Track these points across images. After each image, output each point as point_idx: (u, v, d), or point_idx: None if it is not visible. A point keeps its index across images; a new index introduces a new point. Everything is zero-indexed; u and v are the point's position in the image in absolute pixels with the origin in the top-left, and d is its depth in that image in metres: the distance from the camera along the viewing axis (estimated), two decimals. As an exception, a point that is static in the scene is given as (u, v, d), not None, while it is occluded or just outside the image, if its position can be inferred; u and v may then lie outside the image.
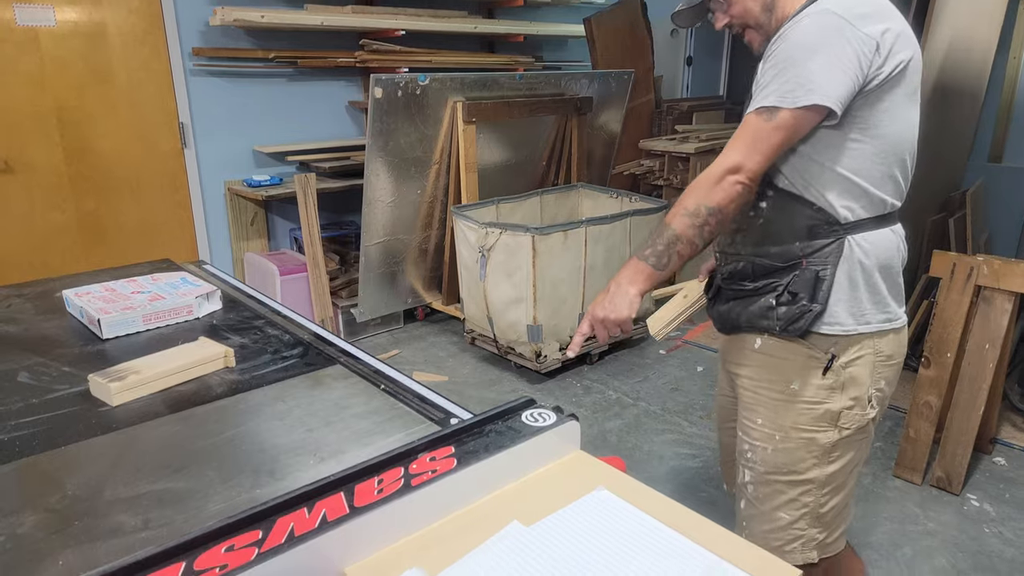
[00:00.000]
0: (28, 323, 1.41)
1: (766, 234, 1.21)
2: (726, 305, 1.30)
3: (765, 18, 1.19)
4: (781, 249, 1.20)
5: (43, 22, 2.99)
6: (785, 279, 1.20)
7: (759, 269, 1.23)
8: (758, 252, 1.23)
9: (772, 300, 1.22)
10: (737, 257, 1.26)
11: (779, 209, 1.19)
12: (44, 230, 3.16)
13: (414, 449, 0.85)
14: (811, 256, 1.19)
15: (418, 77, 3.26)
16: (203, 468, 0.91)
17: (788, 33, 1.09)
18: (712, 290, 1.36)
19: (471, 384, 3.24)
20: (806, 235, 1.18)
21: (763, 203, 1.20)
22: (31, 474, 0.90)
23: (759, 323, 1.24)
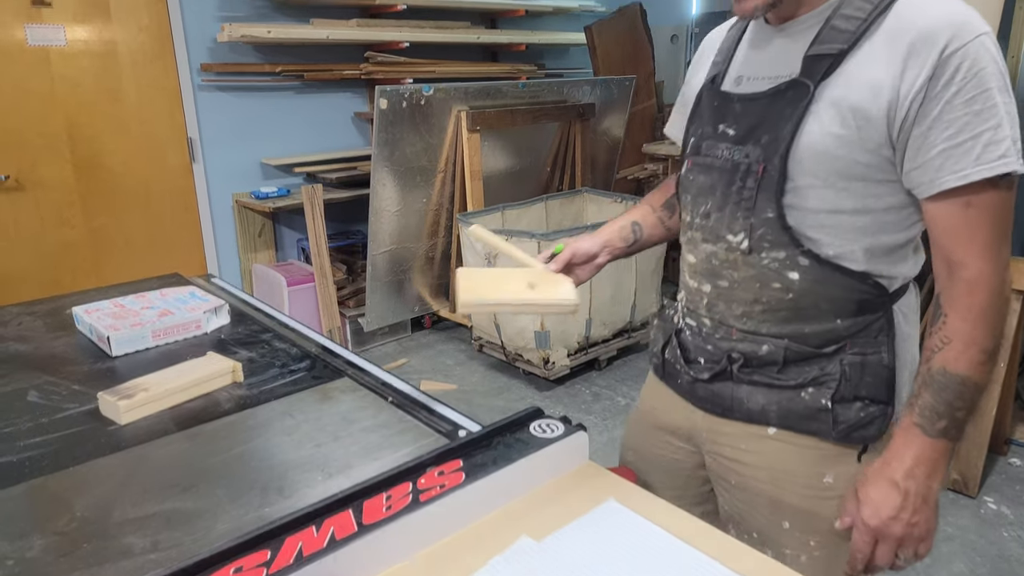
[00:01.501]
0: (38, 341, 1.42)
1: (798, 311, 0.94)
2: (740, 389, 1.01)
3: None
4: (819, 329, 0.94)
5: (54, 42, 3.03)
6: (832, 368, 0.94)
7: (792, 355, 0.95)
8: (786, 333, 0.95)
9: (826, 400, 0.94)
10: (756, 337, 0.97)
11: (817, 282, 0.91)
12: (54, 246, 3.19)
13: (422, 463, 0.84)
14: (856, 336, 0.94)
15: (422, 88, 3.28)
16: (212, 487, 0.91)
17: (976, 51, 0.79)
18: (699, 366, 1.05)
19: (479, 392, 3.23)
20: (854, 311, 0.93)
21: (793, 274, 0.92)
22: (40, 496, 0.91)
23: (803, 425, 0.96)
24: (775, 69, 0.93)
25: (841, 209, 0.88)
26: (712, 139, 0.98)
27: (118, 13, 3.16)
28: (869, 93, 0.82)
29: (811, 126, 0.86)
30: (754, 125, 0.92)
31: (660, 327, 1.18)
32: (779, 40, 0.94)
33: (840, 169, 0.86)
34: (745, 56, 1.00)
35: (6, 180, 3.00)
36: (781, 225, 0.90)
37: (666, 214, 1.25)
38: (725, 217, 0.95)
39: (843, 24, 0.85)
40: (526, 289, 1.08)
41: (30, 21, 2.95)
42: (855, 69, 0.84)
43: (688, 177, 1.04)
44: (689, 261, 1.06)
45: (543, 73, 4.67)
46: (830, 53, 0.85)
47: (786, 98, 0.88)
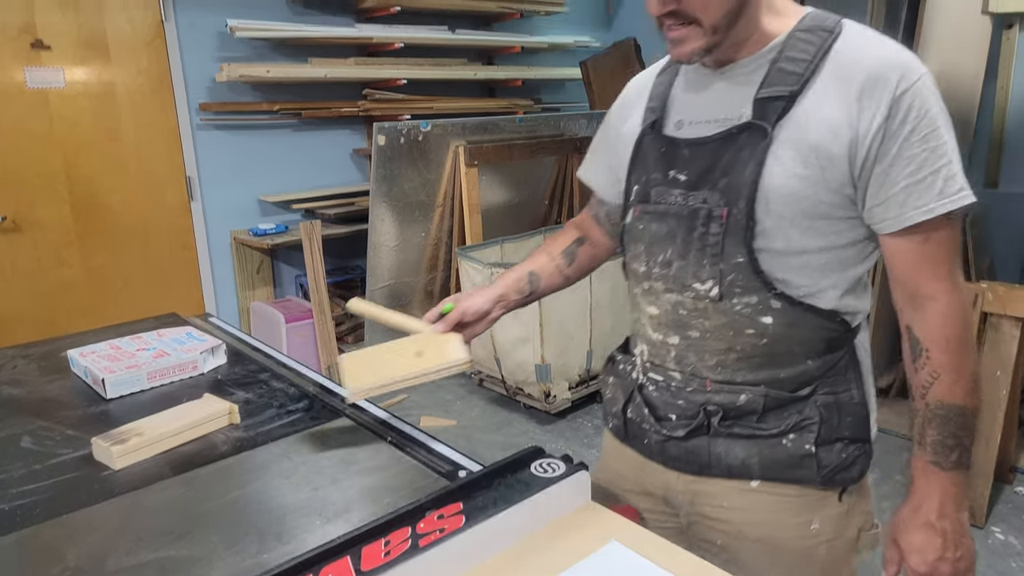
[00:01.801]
0: (32, 385, 1.41)
1: (772, 356, 0.93)
2: (718, 444, 0.97)
3: (726, 22, 0.85)
4: (793, 372, 0.93)
5: (53, 84, 3.07)
6: (810, 412, 0.93)
7: (771, 401, 0.93)
8: (762, 379, 0.94)
9: (810, 445, 0.92)
10: (732, 387, 0.95)
11: (790, 324, 0.91)
12: (51, 287, 3.19)
13: (421, 507, 0.83)
14: (826, 376, 0.94)
15: (420, 124, 3.31)
16: (207, 533, 0.89)
17: (922, 90, 0.82)
18: (672, 424, 1.00)
19: (480, 428, 3.20)
20: (823, 351, 0.93)
21: (766, 318, 0.90)
22: (32, 545, 0.89)
23: (788, 474, 0.95)
24: (719, 112, 0.92)
25: (807, 248, 0.88)
26: (662, 185, 0.96)
27: (117, 55, 3.20)
28: (828, 133, 0.83)
29: (773, 168, 0.86)
30: (706, 169, 0.91)
31: (616, 384, 1.10)
32: (720, 83, 0.93)
33: (806, 209, 0.86)
34: (683, 100, 0.99)
35: (3, 221, 3.01)
36: (753, 269, 0.89)
37: (565, 262, 1.22)
38: (690, 265, 0.93)
39: (790, 67, 0.86)
40: (414, 359, 1.07)
41: (30, 64, 2.99)
42: (808, 110, 0.85)
43: (637, 226, 1.00)
44: (650, 313, 1.01)
45: (540, 108, 4.73)
46: (782, 95, 0.86)
47: (740, 141, 0.88)
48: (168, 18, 3.29)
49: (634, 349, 1.08)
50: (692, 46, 0.87)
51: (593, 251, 1.24)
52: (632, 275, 1.05)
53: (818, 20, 0.89)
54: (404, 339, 1.13)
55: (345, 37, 3.65)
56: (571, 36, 4.76)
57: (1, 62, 2.93)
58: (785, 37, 0.88)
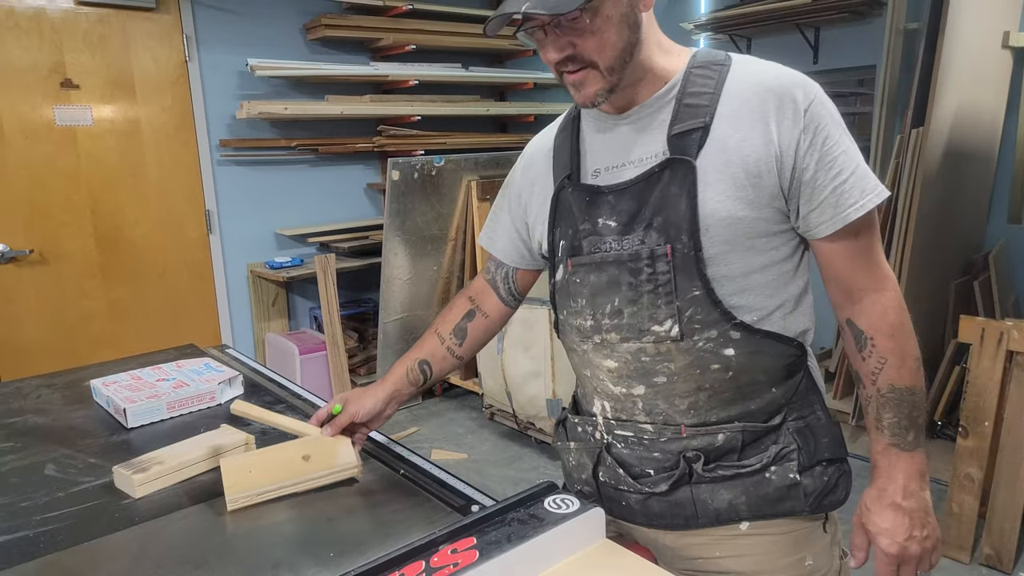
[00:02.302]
0: (56, 414, 1.44)
1: (739, 389, 0.93)
2: (701, 491, 0.96)
3: (620, 62, 0.87)
4: (762, 403, 0.94)
5: (81, 122, 3.16)
6: (786, 440, 0.94)
7: (748, 436, 0.94)
8: (735, 415, 0.94)
9: (793, 474, 0.93)
10: (708, 428, 0.95)
11: (752, 354, 0.92)
12: (74, 318, 3.24)
13: (435, 541, 0.84)
14: (791, 401, 0.96)
15: (434, 159, 3.37)
16: (224, 563, 0.91)
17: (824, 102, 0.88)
18: (651, 479, 0.98)
19: (491, 462, 3.19)
20: (784, 376, 0.95)
21: (728, 350, 0.91)
22: (55, 571, 0.90)
23: (776, 508, 0.95)
24: (633, 154, 0.94)
25: (752, 268, 0.91)
26: (593, 235, 0.96)
27: (143, 94, 3.30)
28: (751, 152, 0.87)
29: (707, 196, 0.88)
30: (635, 212, 0.92)
31: (578, 451, 1.07)
32: (625, 128, 0.95)
33: (745, 229, 0.89)
34: (593, 150, 0.99)
35: (31, 254, 3.08)
36: (710, 300, 0.89)
37: (455, 342, 1.20)
38: (644, 308, 0.92)
39: (695, 100, 0.90)
40: (300, 463, 1.06)
41: (59, 103, 3.09)
42: (724, 136, 0.88)
43: (573, 280, 0.99)
44: (608, 367, 0.98)
45: (551, 143, 4.79)
46: (696, 127, 0.89)
47: (665, 178, 0.90)
48: (191, 58, 3.40)
49: (590, 408, 1.05)
50: (594, 88, 0.89)
51: (486, 323, 1.22)
52: (574, 332, 1.02)
53: (708, 57, 0.94)
54: (291, 442, 1.13)
55: (361, 75, 3.74)
56: (583, 74, 4.84)
57: (32, 101, 3.02)
58: (682, 75, 0.92)
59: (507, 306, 1.23)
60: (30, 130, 3.04)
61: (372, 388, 1.18)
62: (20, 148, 3.02)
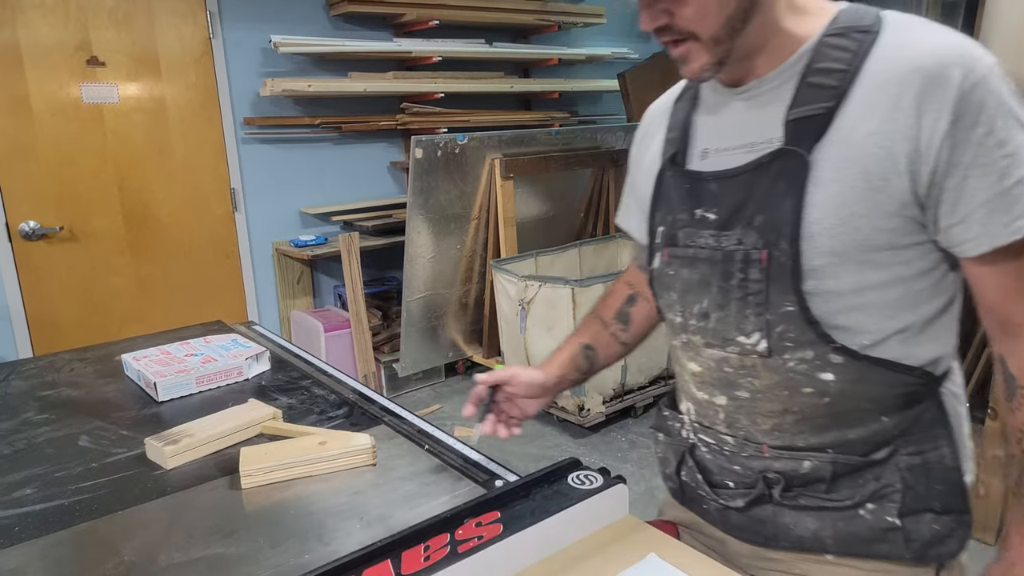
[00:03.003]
0: (89, 387, 1.47)
1: (836, 416, 0.80)
2: (784, 514, 0.86)
3: (728, 31, 0.75)
4: (865, 433, 0.81)
5: (107, 99, 3.19)
6: (890, 477, 0.80)
7: (841, 468, 0.81)
8: (828, 443, 0.82)
9: (893, 518, 0.80)
10: (793, 453, 0.83)
11: (855, 381, 0.78)
12: (104, 294, 3.30)
13: (460, 514, 0.84)
14: (908, 433, 0.81)
15: (457, 137, 3.36)
16: (253, 533, 0.92)
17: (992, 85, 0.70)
18: (728, 492, 0.90)
19: (513, 439, 3.19)
20: (901, 405, 0.80)
21: (826, 374, 0.78)
22: (90, 539, 0.93)
23: (869, 549, 0.82)
24: (746, 136, 0.81)
25: (867, 285, 0.75)
26: (690, 227, 0.85)
27: (168, 71, 3.32)
28: (880, 149, 0.72)
29: (816, 198, 0.74)
30: (738, 205, 0.80)
31: (667, 444, 1.01)
32: (741, 104, 0.83)
33: (863, 241, 0.74)
34: (706, 126, 0.88)
35: (60, 231, 3.14)
36: (805, 319, 0.76)
37: (619, 327, 1.10)
38: (731, 316, 0.81)
39: (823, 80, 0.75)
40: (316, 447, 1.09)
41: (86, 80, 3.12)
42: (851, 126, 0.73)
43: (667, 272, 0.89)
44: (692, 370, 0.90)
45: (576, 120, 4.75)
46: (817, 113, 0.74)
47: (774, 171, 0.77)
48: (215, 35, 3.40)
49: (680, 405, 0.98)
50: (699, 62, 0.78)
51: (649, 307, 1.08)
52: (668, 325, 0.94)
53: (853, 18, 0.76)
54: (306, 436, 1.16)
55: (384, 51, 3.72)
56: (609, 48, 4.77)
57: (59, 79, 3.06)
58: (814, 44, 0.77)
59: None
60: (58, 108, 3.07)
61: (540, 367, 1.08)
62: (48, 126, 3.06)
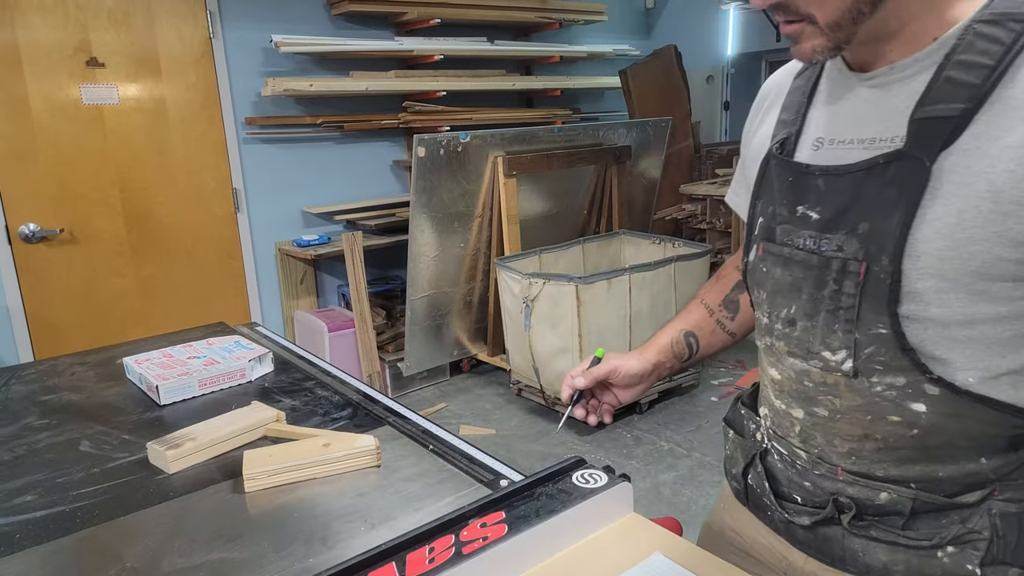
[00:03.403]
0: (90, 391, 1.46)
1: (925, 450, 0.74)
2: (853, 541, 0.80)
3: (850, 17, 0.66)
4: (957, 472, 0.73)
5: (107, 101, 3.19)
6: (978, 523, 0.72)
7: (922, 505, 0.74)
8: (911, 477, 0.75)
9: (974, 566, 0.73)
10: (870, 482, 0.77)
11: (951, 415, 0.70)
12: (105, 296, 3.30)
13: (464, 515, 0.83)
14: (1008, 478, 0.73)
15: (459, 135, 3.35)
16: (256, 537, 0.91)
17: None
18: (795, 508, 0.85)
19: (519, 437, 3.21)
20: (1004, 448, 0.72)
21: (918, 405, 0.71)
22: (91, 546, 0.92)
23: None
24: (867, 130, 0.73)
25: (979, 318, 0.66)
26: (788, 223, 0.78)
27: (168, 72, 3.32)
28: (1019, 168, 0.61)
29: (933, 212, 0.65)
30: (844, 208, 0.72)
31: (737, 443, 0.95)
32: (868, 92, 0.73)
33: (978, 268, 0.64)
34: (823, 113, 0.80)
35: (61, 233, 3.13)
36: (899, 345, 0.69)
37: (726, 315, 1.04)
38: (818, 328, 0.75)
39: (963, 75, 0.64)
40: (320, 448, 1.07)
41: (85, 81, 3.11)
42: (989, 135, 0.63)
43: (760, 267, 0.83)
44: (772, 377, 0.85)
45: (578, 117, 4.74)
46: (950, 115, 0.64)
47: (889, 175, 0.68)
48: (216, 35, 3.40)
49: (758, 406, 0.93)
50: (811, 43, 0.69)
51: None
52: (756, 323, 0.88)
53: (1011, 4, 0.64)
54: (310, 438, 1.15)
55: (386, 50, 3.71)
56: (610, 45, 4.76)
57: (59, 80, 3.05)
58: (959, 31, 0.66)
59: None
60: (58, 109, 3.07)
61: (635, 352, 1.03)
62: (48, 127, 3.06)
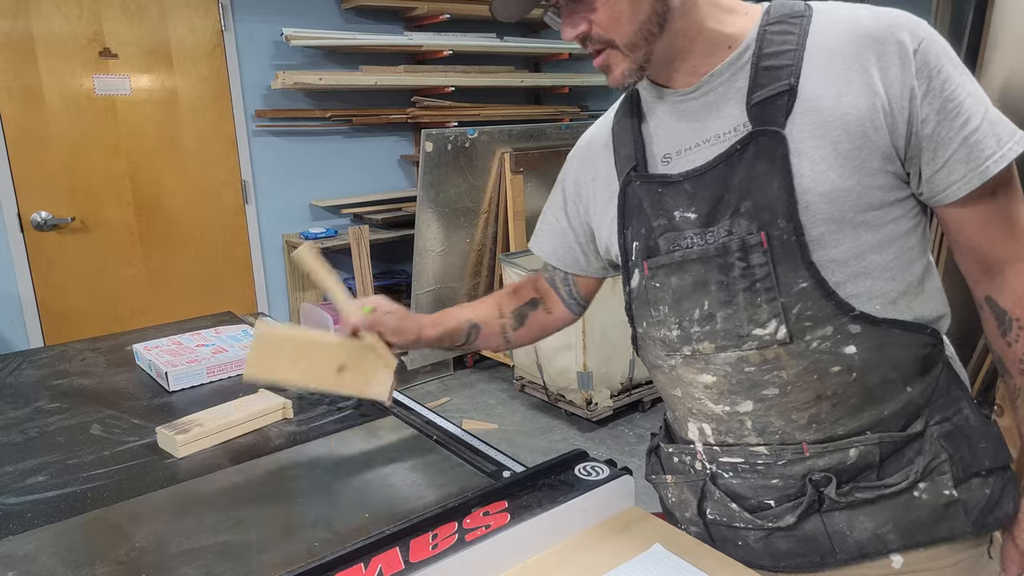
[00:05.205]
0: (101, 376, 1.49)
1: (868, 392, 0.79)
2: (836, 520, 0.81)
3: (643, 37, 0.76)
4: (897, 406, 0.80)
5: (120, 91, 3.21)
6: (931, 448, 0.80)
7: (887, 447, 0.80)
8: (866, 424, 0.80)
9: (950, 490, 0.79)
10: (836, 444, 0.80)
11: (877, 348, 0.77)
12: (115, 285, 3.33)
13: (467, 503, 0.85)
14: (932, 401, 0.82)
15: (467, 131, 3.36)
16: (263, 520, 0.93)
17: (937, 39, 0.75)
18: (773, 512, 0.84)
19: (521, 432, 3.22)
20: (920, 371, 0.81)
21: (848, 347, 0.77)
22: (102, 526, 0.94)
23: (935, 532, 0.80)
24: (708, 132, 0.81)
25: (866, 248, 0.76)
26: (671, 231, 0.82)
27: (180, 63, 3.34)
28: (853, 109, 0.74)
29: (803, 168, 0.75)
30: (718, 198, 0.79)
31: (678, 485, 0.93)
32: (695, 103, 0.82)
33: (855, 202, 0.75)
34: (659, 133, 0.86)
35: (72, 221, 3.16)
36: (822, 292, 0.75)
37: (512, 323, 1.09)
38: (740, 310, 0.78)
39: (776, 61, 0.77)
40: (333, 373, 0.97)
41: (98, 72, 3.13)
42: (816, 95, 0.75)
43: (652, 284, 0.85)
44: (704, 383, 0.84)
45: (586, 114, 4.74)
46: (781, 91, 0.76)
47: (750, 154, 0.76)
48: (227, 28, 3.41)
49: (685, 434, 0.92)
50: (620, 69, 0.79)
51: (547, 319, 1.10)
52: (657, 346, 0.88)
53: (784, 10, 0.80)
54: (332, 343, 1.00)
55: (395, 45, 3.73)
56: (619, 44, 4.75)
57: (72, 70, 3.07)
58: (756, 35, 0.79)
59: (571, 311, 1.10)
60: (71, 99, 3.09)
61: (414, 317, 1.05)
62: (61, 117, 3.08)
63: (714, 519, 0.88)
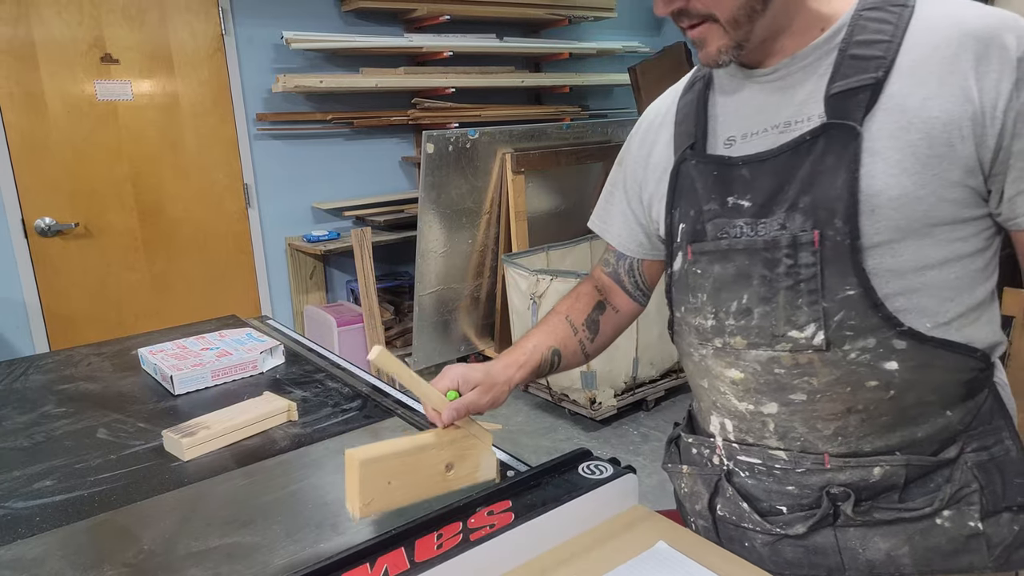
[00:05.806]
0: (106, 381, 1.49)
1: (902, 412, 0.75)
2: (849, 536, 0.78)
3: (746, 12, 0.72)
4: (932, 429, 0.76)
5: (121, 96, 3.22)
6: (963, 477, 0.75)
7: (914, 471, 0.76)
8: (896, 444, 0.76)
9: (975, 522, 0.75)
10: (861, 460, 0.76)
11: (920, 367, 0.73)
12: (119, 289, 3.34)
13: (472, 503, 0.85)
14: (971, 428, 0.77)
15: (468, 132, 3.36)
16: (269, 522, 0.94)
17: None
18: (783, 518, 0.82)
19: (526, 432, 3.22)
20: (962, 396, 0.76)
21: (890, 363, 0.73)
22: (110, 529, 0.95)
23: (952, 563, 0.76)
24: (778, 117, 0.77)
25: (927, 263, 0.71)
26: (721, 217, 0.79)
27: (180, 68, 3.35)
28: (941, 113, 0.69)
29: (875, 168, 0.70)
30: (776, 189, 0.75)
31: (692, 476, 0.91)
32: (769, 86, 0.79)
33: (924, 213, 0.70)
34: (726, 113, 0.83)
35: (76, 227, 3.17)
36: (869, 303, 0.71)
37: (587, 336, 1.02)
38: (779, 308, 0.75)
39: (866, 51, 0.72)
40: (442, 477, 0.89)
41: (100, 77, 3.14)
42: (902, 94, 0.70)
43: (693, 271, 0.83)
44: (732, 378, 0.82)
45: (587, 114, 4.74)
46: (864, 84, 0.71)
47: (819, 148, 0.72)
48: (228, 31, 3.42)
49: (707, 426, 0.90)
50: (716, 44, 0.74)
51: (617, 318, 1.05)
52: (692, 333, 0.86)
53: None
54: (430, 444, 0.89)
55: (395, 47, 3.73)
56: (620, 41, 4.75)
57: (74, 75, 3.09)
58: (849, 19, 0.74)
59: (637, 302, 1.05)
60: (72, 105, 3.10)
61: (494, 374, 0.94)
62: (63, 123, 3.09)
63: (723, 516, 0.87)
